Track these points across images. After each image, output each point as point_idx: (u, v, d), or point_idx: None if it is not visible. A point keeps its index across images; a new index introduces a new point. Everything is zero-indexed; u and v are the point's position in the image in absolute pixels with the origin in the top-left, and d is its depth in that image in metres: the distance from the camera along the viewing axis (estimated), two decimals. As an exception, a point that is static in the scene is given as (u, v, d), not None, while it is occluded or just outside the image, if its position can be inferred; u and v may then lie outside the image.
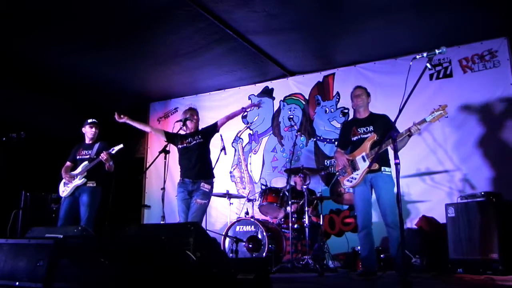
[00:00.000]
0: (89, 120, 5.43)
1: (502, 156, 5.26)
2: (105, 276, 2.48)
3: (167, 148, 4.57)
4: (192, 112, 4.91)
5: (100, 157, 5.03)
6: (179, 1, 4.84)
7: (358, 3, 4.93)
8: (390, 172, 4.23)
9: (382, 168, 4.17)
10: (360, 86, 4.59)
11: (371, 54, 6.21)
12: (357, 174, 4.26)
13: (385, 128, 4.15)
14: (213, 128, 4.89)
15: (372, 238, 4.24)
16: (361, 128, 4.37)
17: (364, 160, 4.23)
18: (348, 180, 4.35)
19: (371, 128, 4.29)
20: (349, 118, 4.68)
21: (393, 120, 3.53)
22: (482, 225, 4.27)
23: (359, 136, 4.35)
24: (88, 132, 5.40)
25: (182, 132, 4.88)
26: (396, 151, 3.24)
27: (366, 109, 4.49)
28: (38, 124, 7.13)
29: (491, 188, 5.14)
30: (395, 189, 4.20)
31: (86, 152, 5.33)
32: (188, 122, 4.81)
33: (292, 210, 5.32)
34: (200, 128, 4.91)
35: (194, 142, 4.76)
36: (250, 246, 5.34)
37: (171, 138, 4.88)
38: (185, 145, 4.78)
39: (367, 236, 4.21)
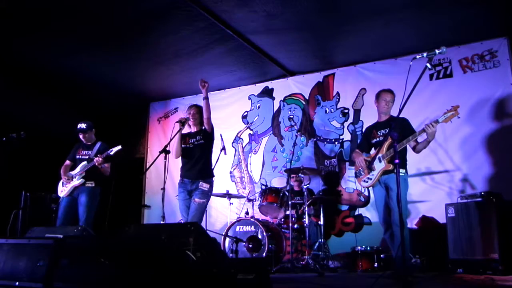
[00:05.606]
0: (78, 127, 5.34)
1: (502, 156, 5.26)
2: (105, 276, 2.48)
3: (167, 148, 4.57)
4: (191, 111, 4.85)
5: (94, 160, 5.03)
6: (179, 1, 4.84)
7: (358, 3, 4.92)
8: (404, 173, 4.31)
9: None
10: (391, 91, 4.52)
11: (371, 54, 6.21)
12: (373, 175, 4.35)
13: (401, 130, 4.15)
14: (210, 136, 4.84)
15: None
16: (380, 131, 4.46)
17: (380, 161, 4.29)
18: (364, 181, 4.45)
19: (388, 130, 4.34)
20: (370, 124, 4.79)
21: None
22: (482, 225, 4.27)
23: (378, 139, 4.45)
24: (81, 138, 5.40)
25: (187, 129, 4.88)
26: (396, 152, 3.27)
27: (388, 114, 4.55)
28: (38, 124, 7.12)
29: (491, 188, 5.13)
30: (407, 191, 4.36)
31: (86, 152, 5.33)
32: (189, 122, 4.80)
33: (292, 212, 5.32)
34: (205, 126, 4.80)
35: (195, 143, 4.75)
36: (250, 246, 5.34)
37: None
38: (186, 145, 4.78)
39: (392, 237, 4.25)
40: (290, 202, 5.28)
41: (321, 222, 5.48)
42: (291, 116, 6.85)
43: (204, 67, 6.66)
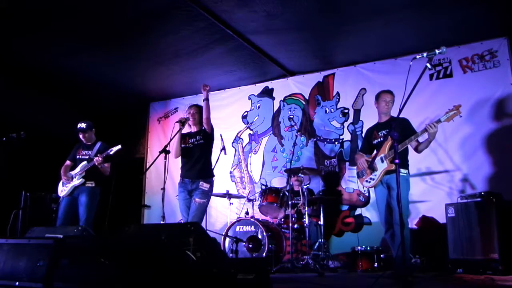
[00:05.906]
0: (78, 126, 5.35)
1: (502, 156, 5.26)
2: (105, 276, 2.48)
3: (167, 148, 4.57)
4: (191, 110, 4.86)
5: (94, 160, 5.03)
6: (179, 1, 4.84)
7: (358, 3, 4.92)
8: (406, 173, 4.32)
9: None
10: (390, 92, 4.54)
11: (371, 54, 6.20)
12: (375, 175, 4.36)
13: (401, 131, 4.14)
14: (210, 136, 4.84)
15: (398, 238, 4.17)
16: (381, 132, 4.47)
17: (382, 161, 4.30)
18: (366, 181, 4.46)
19: (388, 130, 4.35)
20: (372, 125, 4.79)
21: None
22: (482, 225, 4.27)
23: (379, 139, 4.46)
24: (81, 137, 5.40)
25: (187, 129, 4.88)
26: (396, 152, 3.28)
27: (388, 114, 4.55)
28: (38, 124, 7.12)
29: (491, 188, 5.12)
30: (409, 191, 4.36)
31: (86, 152, 5.33)
32: (189, 122, 4.81)
33: (291, 212, 5.31)
34: (204, 126, 4.80)
35: (195, 142, 4.76)
36: (250, 246, 5.34)
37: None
38: (186, 145, 4.78)
39: (392, 237, 4.26)
40: (290, 202, 5.28)
41: (321, 222, 5.48)
42: (291, 116, 6.85)
43: (204, 67, 6.66)
